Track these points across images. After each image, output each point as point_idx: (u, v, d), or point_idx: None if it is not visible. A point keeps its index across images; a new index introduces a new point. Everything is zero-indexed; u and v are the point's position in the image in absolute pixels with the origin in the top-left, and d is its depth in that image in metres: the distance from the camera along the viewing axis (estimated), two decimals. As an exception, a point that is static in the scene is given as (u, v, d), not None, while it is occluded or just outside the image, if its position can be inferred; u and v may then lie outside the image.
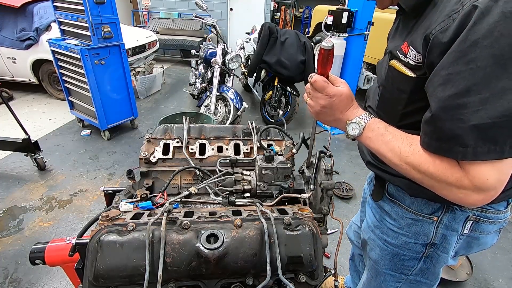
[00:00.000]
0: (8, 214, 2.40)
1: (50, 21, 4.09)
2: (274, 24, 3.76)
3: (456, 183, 0.60)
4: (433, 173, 0.62)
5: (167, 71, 6.38)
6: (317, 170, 1.00)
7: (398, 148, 0.68)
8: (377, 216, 1.01)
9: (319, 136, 1.07)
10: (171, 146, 1.10)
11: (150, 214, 0.83)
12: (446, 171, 0.61)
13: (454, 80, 0.55)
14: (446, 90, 0.57)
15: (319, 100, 0.77)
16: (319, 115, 0.80)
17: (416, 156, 0.65)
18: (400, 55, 0.73)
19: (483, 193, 0.59)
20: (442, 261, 0.91)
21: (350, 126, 0.75)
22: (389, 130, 0.71)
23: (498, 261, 2.18)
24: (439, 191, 0.65)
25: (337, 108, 0.76)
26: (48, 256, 0.96)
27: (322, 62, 0.74)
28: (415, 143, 0.66)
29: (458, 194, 0.61)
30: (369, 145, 0.75)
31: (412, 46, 0.69)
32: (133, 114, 3.77)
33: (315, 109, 0.79)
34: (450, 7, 0.59)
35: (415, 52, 0.67)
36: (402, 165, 0.67)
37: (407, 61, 0.71)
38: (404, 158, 0.66)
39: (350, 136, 0.76)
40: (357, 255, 1.50)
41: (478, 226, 0.84)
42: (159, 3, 7.69)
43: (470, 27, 0.53)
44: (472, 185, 0.58)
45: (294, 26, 9.16)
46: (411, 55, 0.69)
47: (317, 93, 0.77)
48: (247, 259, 0.73)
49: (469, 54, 0.54)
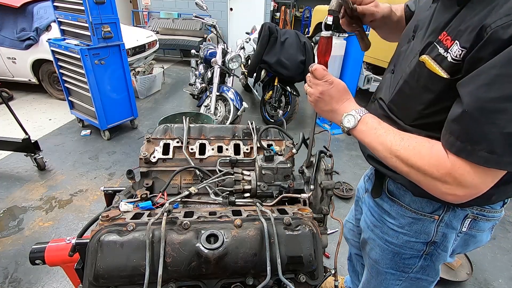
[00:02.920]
0: (8, 214, 2.40)
1: (50, 21, 4.09)
2: (274, 24, 3.76)
3: (441, 178, 0.62)
4: (420, 167, 0.64)
5: (167, 71, 6.38)
6: (317, 170, 1.00)
7: (389, 141, 0.70)
8: (376, 216, 1.01)
9: (319, 136, 1.07)
10: (171, 146, 1.10)
11: (150, 214, 0.83)
12: (432, 167, 0.62)
13: (502, 82, 0.52)
14: (490, 91, 0.53)
15: (318, 86, 0.80)
16: (318, 103, 0.83)
17: (405, 150, 0.66)
18: (439, 48, 0.66)
19: (466, 189, 0.60)
20: (442, 258, 0.92)
21: (346, 118, 0.78)
22: (382, 125, 0.74)
23: (498, 261, 2.18)
24: (424, 185, 0.67)
25: (334, 97, 0.80)
26: (48, 256, 0.96)
27: (322, 50, 0.82)
28: (406, 139, 0.68)
29: (442, 189, 0.63)
30: (361, 138, 0.77)
31: (457, 39, 0.61)
32: (133, 114, 3.77)
33: (314, 96, 0.82)
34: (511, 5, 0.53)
35: (458, 47, 0.60)
36: (392, 158, 0.69)
37: (446, 56, 0.63)
38: (394, 151, 0.68)
39: (345, 128, 0.78)
40: (354, 255, 1.50)
41: (476, 224, 0.86)
42: (159, 3, 7.69)
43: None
44: (456, 181, 0.60)
45: (294, 26, 9.16)
46: (453, 50, 0.62)
47: (316, 81, 0.81)
48: (247, 259, 0.73)
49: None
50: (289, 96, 3.80)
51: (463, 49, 0.60)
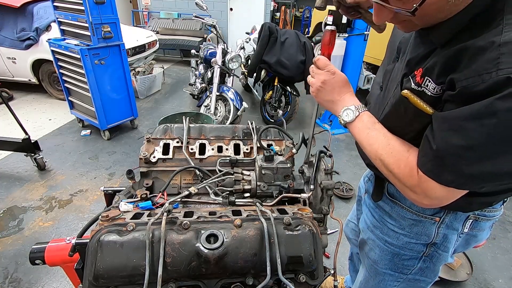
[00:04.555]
0: (8, 214, 2.40)
1: (50, 21, 4.09)
2: (274, 24, 3.76)
3: (412, 188, 0.69)
4: (396, 174, 0.71)
5: (167, 71, 6.38)
6: (317, 170, 1.00)
7: (377, 145, 0.75)
8: (376, 217, 1.01)
9: (319, 136, 1.07)
10: (171, 146, 1.10)
11: (150, 214, 0.83)
12: (406, 177, 0.69)
13: (464, 133, 0.57)
14: (454, 137, 0.59)
15: (320, 76, 0.83)
16: (319, 92, 0.85)
17: (388, 156, 0.73)
18: (412, 83, 0.70)
19: (432, 200, 0.68)
20: (443, 259, 0.92)
21: (345, 111, 0.81)
22: (376, 127, 0.77)
23: (498, 261, 2.18)
24: (400, 190, 0.74)
25: (335, 87, 0.83)
26: (48, 256, 0.96)
27: (326, 43, 0.88)
28: (391, 144, 0.73)
29: (412, 196, 0.71)
30: (355, 134, 0.81)
31: (430, 77, 0.65)
32: (133, 114, 3.77)
33: (316, 85, 0.84)
34: (482, 63, 0.55)
35: (435, 85, 0.65)
36: (376, 160, 0.76)
37: (422, 90, 0.67)
38: (379, 155, 0.74)
39: (343, 121, 0.81)
40: (355, 254, 1.50)
41: (477, 224, 0.87)
42: (159, 3, 7.68)
43: (499, 98, 0.52)
44: (423, 193, 0.68)
45: (294, 26, 9.16)
46: (428, 86, 0.66)
47: (319, 70, 0.84)
48: (247, 259, 0.73)
49: (486, 119, 0.54)
50: (289, 96, 3.80)
51: (441, 85, 0.64)
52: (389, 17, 0.68)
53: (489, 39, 0.55)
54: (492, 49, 0.54)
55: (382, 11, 0.68)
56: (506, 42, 0.53)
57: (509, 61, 0.52)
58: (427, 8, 0.59)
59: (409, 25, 0.69)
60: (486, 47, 0.55)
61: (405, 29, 0.72)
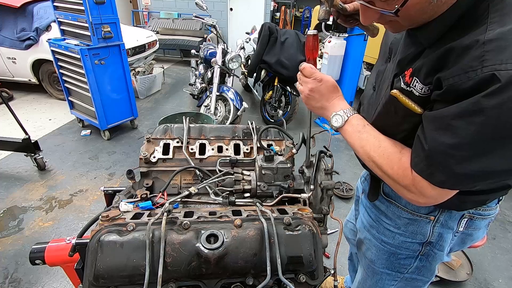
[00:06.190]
0: (8, 214, 2.40)
1: (50, 21, 4.09)
2: (274, 24, 3.76)
3: (406, 187, 0.70)
4: (391, 175, 0.72)
5: (167, 71, 6.38)
6: (317, 170, 1.00)
7: (368, 147, 0.76)
8: (372, 216, 1.02)
9: (319, 136, 1.07)
10: (171, 146, 1.10)
11: (150, 214, 0.83)
12: (400, 177, 0.70)
13: (452, 131, 0.58)
14: (443, 136, 0.60)
15: (307, 84, 0.84)
16: (308, 100, 0.86)
17: (380, 157, 0.74)
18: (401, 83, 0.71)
19: (427, 199, 0.69)
20: (438, 258, 0.93)
21: (334, 117, 0.82)
22: (366, 129, 0.78)
23: (498, 261, 2.18)
24: (395, 190, 0.75)
25: (324, 94, 0.83)
26: (48, 256, 0.96)
27: (309, 48, 0.88)
28: (383, 146, 0.74)
29: (407, 195, 0.72)
30: (346, 138, 0.81)
31: (418, 78, 0.66)
32: (133, 114, 3.77)
33: (305, 93, 0.85)
34: (468, 61, 0.55)
35: (422, 85, 0.65)
36: (370, 162, 0.76)
37: (411, 90, 0.68)
38: (371, 157, 0.75)
39: (333, 127, 0.82)
40: (355, 254, 1.50)
41: (472, 223, 0.87)
42: (159, 3, 7.68)
43: (485, 96, 0.53)
44: (418, 191, 0.68)
45: (294, 26, 9.16)
46: (416, 86, 0.67)
47: (306, 78, 0.84)
48: (247, 259, 0.73)
49: (474, 117, 0.55)
50: (289, 96, 3.80)
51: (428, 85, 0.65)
52: (375, 18, 0.69)
53: (474, 38, 0.56)
54: (477, 47, 0.55)
55: (367, 12, 0.69)
56: (490, 40, 0.54)
57: (493, 58, 0.52)
58: (410, 9, 0.61)
59: (396, 26, 0.70)
60: (471, 45, 0.56)
61: (392, 29, 0.73)
